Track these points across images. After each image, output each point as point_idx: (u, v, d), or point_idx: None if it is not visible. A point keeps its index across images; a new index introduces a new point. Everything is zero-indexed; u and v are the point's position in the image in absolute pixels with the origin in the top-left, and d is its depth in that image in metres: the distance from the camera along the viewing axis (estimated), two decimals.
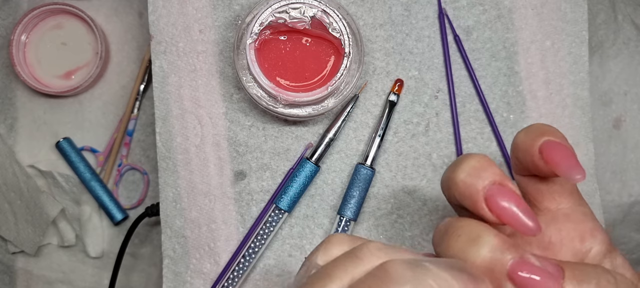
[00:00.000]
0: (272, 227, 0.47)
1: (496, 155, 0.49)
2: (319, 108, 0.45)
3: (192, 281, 0.48)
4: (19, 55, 0.56)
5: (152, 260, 0.59)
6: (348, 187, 0.47)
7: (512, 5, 0.49)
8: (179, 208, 0.48)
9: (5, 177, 0.57)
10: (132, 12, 0.59)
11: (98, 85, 0.59)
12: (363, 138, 0.49)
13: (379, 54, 0.49)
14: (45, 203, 0.57)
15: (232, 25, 0.49)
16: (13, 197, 0.56)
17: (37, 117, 0.59)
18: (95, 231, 0.58)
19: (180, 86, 0.48)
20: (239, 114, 0.49)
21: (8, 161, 0.57)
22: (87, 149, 0.59)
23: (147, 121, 0.59)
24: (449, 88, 0.49)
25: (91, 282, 0.60)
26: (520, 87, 0.49)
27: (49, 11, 0.57)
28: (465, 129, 0.49)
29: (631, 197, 0.56)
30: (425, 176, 0.49)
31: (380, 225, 0.49)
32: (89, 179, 0.58)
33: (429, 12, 0.49)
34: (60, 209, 0.57)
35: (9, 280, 0.59)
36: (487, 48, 0.49)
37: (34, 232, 0.56)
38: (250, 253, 0.47)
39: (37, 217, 0.56)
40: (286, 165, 0.49)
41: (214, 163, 0.48)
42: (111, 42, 0.59)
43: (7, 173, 0.57)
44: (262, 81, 0.44)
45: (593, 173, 0.49)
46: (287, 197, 0.47)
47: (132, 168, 0.60)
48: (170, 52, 0.49)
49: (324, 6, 0.44)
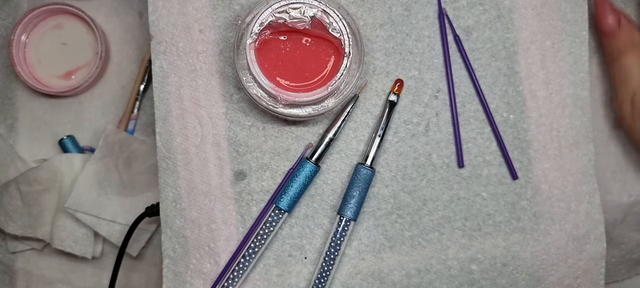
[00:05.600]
0: (272, 227, 0.47)
1: (496, 155, 0.49)
2: (319, 108, 0.45)
3: (192, 281, 0.48)
4: (19, 55, 0.56)
5: (152, 260, 0.59)
6: (348, 187, 0.47)
7: (512, 5, 0.49)
8: (179, 208, 0.48)
9: (8, 174, 0.57)
10: (132, 12, 0.59)
11: (98, 85, 0.59)
12: (363, 138, 0.49)
13: (379, 54, 0.49)
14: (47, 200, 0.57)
15: (232, 25, 0.49)
16: (15, 193, 0.56)
17: (37, 117, 0.59)
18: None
19: (180, 86, 0.48)
20: (239, 114, 0.49)
21: (9, 158, 0.57)
22: (87, 149, 0.59)
23: (147, 121, 0.59)
24: (449, 88, 0.49)
25: (91, 282, 0.60)
26: (520, 87, 0.49)
27: (49, 11, 0.57)
28: (465, 128, 0.49)
29: (631, 197, 0.56)
30: (425, 176, 0.49)
31: (380, 225, 0.49)
32: None
33: (429, 12, 0.49)
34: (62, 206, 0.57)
35: (9, 280, 0.59)
36: (487, 48, 0.49)
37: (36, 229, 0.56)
38: (250, 253, 0.47)
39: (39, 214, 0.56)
40: (286, 165, 0.49)
41: (214, 163, 0.48)
42: (111, 42, 0.59)
43: (9, 170, 0.57)
44: (262, 81, 0.44)
45: (593, 173, 0.49)
46: (287, 197, 0.47)
47: None
48: (170, 52, 0.49)
49: (324, 6, 0.44)
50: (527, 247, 0.49)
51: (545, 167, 0.49)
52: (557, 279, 0.49)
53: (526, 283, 0.49)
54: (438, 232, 0.49)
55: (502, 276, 0.49)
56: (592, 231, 0.49)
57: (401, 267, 0.49)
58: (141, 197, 0.57)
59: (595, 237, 0.49)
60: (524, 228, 0.49)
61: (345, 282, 0.49)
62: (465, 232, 0.49)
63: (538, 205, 0.49)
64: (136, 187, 0.57)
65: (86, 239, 0.57)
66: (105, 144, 0.57)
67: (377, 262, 0.49)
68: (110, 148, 0.57)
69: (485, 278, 0.49)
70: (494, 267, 0.49)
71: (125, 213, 0.57)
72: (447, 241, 0.49)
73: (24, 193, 0.56)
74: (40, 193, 0.56)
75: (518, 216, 0.49)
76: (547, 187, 0.49)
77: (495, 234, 0.49)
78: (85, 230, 0.57)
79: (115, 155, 0.57)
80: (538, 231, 0.49)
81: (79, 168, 0.57)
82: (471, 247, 0.49)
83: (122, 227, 0.57)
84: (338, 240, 0.47)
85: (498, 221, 0.49)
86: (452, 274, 0.49)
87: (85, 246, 0.57)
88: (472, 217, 0.49)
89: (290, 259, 0.49)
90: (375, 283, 0.49)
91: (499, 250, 0.49)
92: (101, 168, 0.57)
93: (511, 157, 0.48)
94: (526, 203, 0.49)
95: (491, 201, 0.49)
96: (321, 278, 0.47)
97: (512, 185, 0.49)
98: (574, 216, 0.49)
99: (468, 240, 0.49)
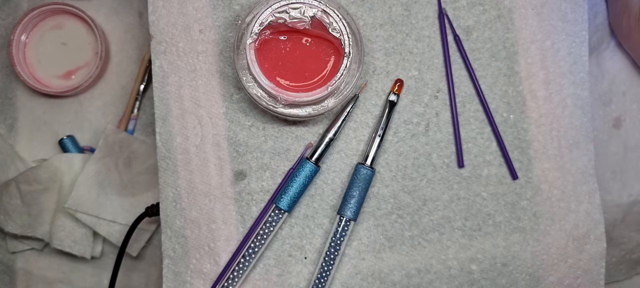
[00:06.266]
0: (272, 227, 0.47)
1: (496, 155, 0.49)
2: (319, 108, 0.45)
3: (192, 281, 0.48)
4: (19, 55, 0.57)
5: (152, 260, 0.59)
6: (348, 187, 0.47)
7: (512, 5, 0.49)
8: (179, 208, 0.48)
9: (8, 174, 0.57)
10: (132, 12, 0.59)
11: (98, 85, 0.59)
12: (363, 138, 0.49)
13: (379, 54, 0.49)
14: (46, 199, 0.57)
15: (232, 25, 0.49)
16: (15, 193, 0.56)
17: (37, 117, 0.59)
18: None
19: (180, 86, 0.49)
20: (239, 114, 0.49)
21: (9, 158, 0.57)
22: (87, 149, 0.59)
23: (147, 121, 0.59)
24: (449, 88, 0.49)
25: (91, 282, 0.60)
26: (520, 87, 0.49)
27: (49, 11, 0.57)
28: (465, 128, 0.49)
29: (631, 197, 0.56)
30: (425, 176, 0.49)
31: (380, 225, 0.49)
32: None
33: (429, 12, 0.49)
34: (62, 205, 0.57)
35: (9, 280, 0.59)
36: (487, 48, 0.49)
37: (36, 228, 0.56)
38: (250, 253, 0.47)
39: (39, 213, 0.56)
40: (286, 165, 0.49)
41: (214, 163, 0.48)
42: (111, 42, 0.59)
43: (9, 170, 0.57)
44: (262, 81, 0.44)
45: (593, 173, 0.49)
46: (287, 197, 0.47)
47: None
48: (170, 52, 0.49)
49: (324, 6, 0.44)
50: (527, 247, 0.49)
51: (545, 167, 0.49)
52: (557, 279, 0.49)
53: (526, 283, 0.49)
54: (438, 232, 0.49)
55: (502, 276, 0.49)
56: (592, 231, 0.49)
57: (401, 267, 0.49)
58: (141, 197, 0.57)
59: (595, 237, 0.49)
60: (524, 228, 0.49)
61: (345, 282, 0.49)
62: (465, 232, 0.49)
63: (538, 205, 0.49)
64: (136, 187, 0.57)
65: (85, 239, 0.57)
66: (105, 143, 0.57)
67: (377, 262, 0.49)
68: (110, 148, 0.57)
69: (485, 278, 0.49)
70: (494, 267, 0.49)
71: (125, 213, 0.57)
72: (447, 241, 0.49)
73: (23, 192, 0.56)
74: (40, 192, 0.56)
75: (518, 216, 0.49)
76: (547, 187, 0.49)
77: (495, 234, 0.49)
78: (84, 230, 0.57)
79: (115, 155, 0.57)
80: (538, 231, 0.49)
81: (79, 168, 0.57)
82: (471, 247, 0.49)
83: (122, 227, 0.57)
84: (338, 240, 0.47)
85: (498, 221, 0.49)
86: (452, 274, 0.49)
87: (84, 246, 0.57)
88: (472, 217, 0.49)
89: (290, 259, 0.49)
90: (375, 283, 0.49)
91: (499, 250, 0.49)
92: (101, 168, 0.57)
93: (511, 157, 0.48)
94: (526, 203, 0.49)
95: (491, 201, 0.49)
96: (321, 278, 0.47)
97: (512, 185, 0.49)
98: (574, 216, 0.49)
99: (468, 240, 0.49)
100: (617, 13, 0.52)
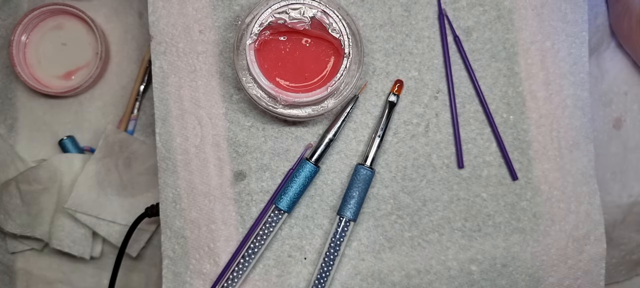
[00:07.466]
0: (271, 227, 0.47)
1: (496, 155, 0.49)
2: (318, 108, 0.45)
3: (191, 281, 0.48)
4: (19, 55, 0.57)
5: (152, 260, 0.59)
6: (348, 187, 0.47)
7: (512, 5, 0.49)
8: (178, 208, 0.48)
9: (8, 174, 0.57)
10: (132, 12, 0.59)
11: (98, 85, 0.59)
12: (363, 138, 0.49)
13: (379, 54, 0.49)
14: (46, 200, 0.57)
15: (232, 26, 0.49)
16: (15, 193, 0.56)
17: (37, 118, 0.59)
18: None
19: (180, 87, 0.49)
20: (239, 114, 0.49)
21: (9, 158, 0.57)
22: (87, 149, 0.59)
23: (147, 121, 0.59)
24: (449, 89, 0.49)
25: (91, 282, 0.60)
26: (520, 87, 0.49)
27: (49, 11, 0.57)
28: (465, 129, 0.49)
29: (631, 197, 0.56)
30: (425, 177, 0.49)
31: (380, 225, 0.49)
32: None
33: (429, 13, 0.49)
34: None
35: (9, 280, 0.59)
36: (487, 49, 0.49)
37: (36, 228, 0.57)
38: (250, 253, 0.47)
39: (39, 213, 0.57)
40: (286, 165, 0.49)
41: (213, 163, 0.48)
42: (111, 42, 0.59)
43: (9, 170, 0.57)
44: (261, 82, 0.44)
45: (593, 174, 0.49)
46: (286, 198, 0.47)
47: None
48: (170, 52, 0.49)
49: (323, 7, 0.44)
50: (527, 248, 0.49)
51: (545, 167, 0.49)
52: (557, 280, 0.49)
53: (526, 284, 0.49)
54: (438, 233, 0.49)
55: (502, 277, 0.49)
56: (592, 232, 0.49)
57: (401, 268, 0.49)
58: (141, 197, 0.57)
59: (595, 238, 0.49)
60: (523, 229, 0.49)
61: (345, 282, 0.49)
62: (465, 233, 0.49)
63: (538, 205, 0.49)
64: (136, 187, 0.57)
65: (84, 239, 0.57)
66: (105, 144, 0.57)
67: (377, 263, 0.49)
68: (110, 149, 0.57)
69: (485, 279, 0.49)
70: (494, 268, 0.49)
71: (125, 214, 0.57)
72: (447, 242, 0.49)
73: (23, 192, 0.56)
74: (40, 192, 0.56)
75: (518, 217, 0.49)
76: (547, 187, 0.49)
77: (495, 235, 0.49)
78: (83, 230, 0.57)
79: (115, 155, 0.57)
80: (538, 232, 0.49)
81: (78, 168, 0.57)
82: (471, 248, 0.49)
83: (121, 228, 0.57)
84: (338, 240, 0.47)
85: (498, 222, 0.49)
86: (452, 275, 0.49)
87: (83, 246, 0.57)
88: (472, 217, 0.49)
89: (289, 260, 0.49)
90: (374, 284, 0.49)
91: (498, 251, 0.49)
92: (101, 169, 0.57)
93: (511, 157, 0.48)
94: (526, 204, 0.49)
95: (491, 202, 0.49)
96: (321, 279, 0.47)
97: (512, 185, 0.49)
98: (574, 217, 0.49)
99: (468, 241, 0.49)
100: (618, 14, 0.52)
